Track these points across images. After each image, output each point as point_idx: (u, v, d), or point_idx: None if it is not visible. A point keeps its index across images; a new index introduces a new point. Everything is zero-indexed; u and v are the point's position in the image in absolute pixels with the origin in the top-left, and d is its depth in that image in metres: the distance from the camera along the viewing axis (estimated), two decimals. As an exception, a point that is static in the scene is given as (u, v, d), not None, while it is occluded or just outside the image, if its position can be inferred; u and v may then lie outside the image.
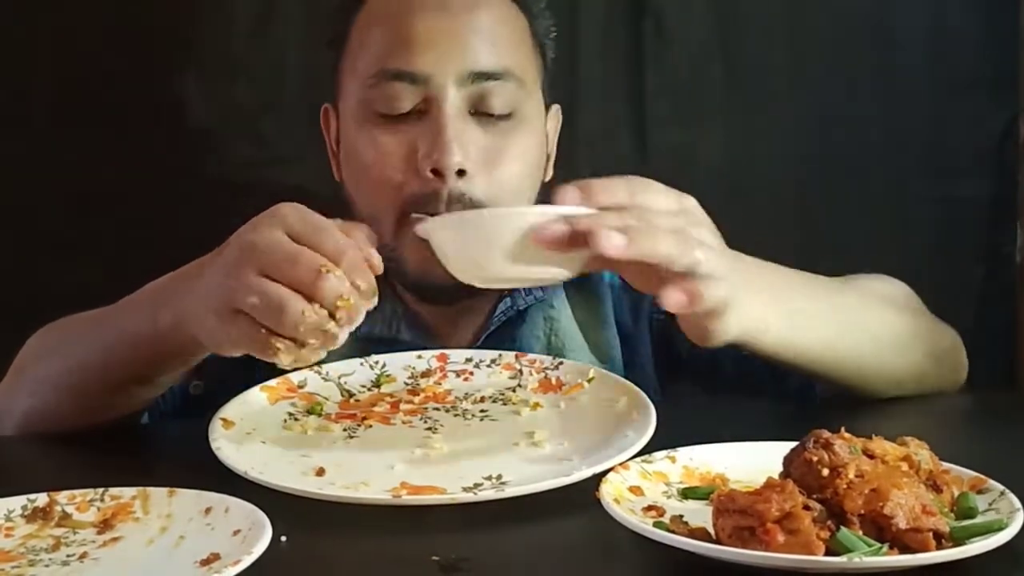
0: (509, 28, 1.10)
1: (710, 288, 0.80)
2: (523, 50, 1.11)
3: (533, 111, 1.11)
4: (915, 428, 0.78)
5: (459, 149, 1.03)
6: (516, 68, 1.08)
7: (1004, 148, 1.50)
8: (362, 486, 0.81)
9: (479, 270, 0.83)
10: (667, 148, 1.49)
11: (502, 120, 1.07)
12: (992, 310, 1.51)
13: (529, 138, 1.10)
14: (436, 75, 1.05)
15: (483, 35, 1.07)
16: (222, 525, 0.74)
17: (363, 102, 1.08)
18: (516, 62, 1.09)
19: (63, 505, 0.79)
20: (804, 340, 0.94)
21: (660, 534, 0.68)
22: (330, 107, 1.17)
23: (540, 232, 0.78)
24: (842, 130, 1.50)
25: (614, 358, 1.14)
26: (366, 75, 1.07)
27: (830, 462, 0.69)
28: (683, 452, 0.81)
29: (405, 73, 1.05)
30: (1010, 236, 1.51)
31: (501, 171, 1.06)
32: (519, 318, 1.14)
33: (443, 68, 1.05)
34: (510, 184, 1.07)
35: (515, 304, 1.14)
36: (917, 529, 0.66)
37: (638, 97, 1.49)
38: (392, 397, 0.99)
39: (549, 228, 0.78)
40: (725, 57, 1.49)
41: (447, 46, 1.05)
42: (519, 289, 1.13)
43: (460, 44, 1.06)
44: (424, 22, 1.06)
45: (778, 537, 0.65)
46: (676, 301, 0.80)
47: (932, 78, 1.50)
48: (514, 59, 1.09)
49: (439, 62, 1.05)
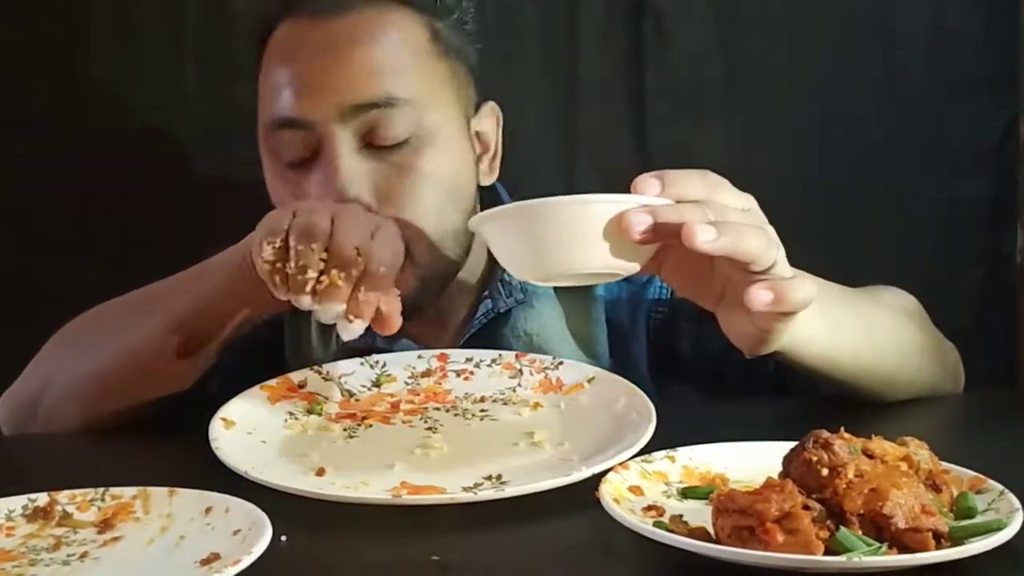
0: (398, 50, 1.06)
1: (795, 287, 0.79)
2: (420, 67, 1.07)
3: (439, 126, 1.06)
4: (914, 428, 0.78)
5: (356, 186, 1.01)
6: (407, 91, 1.04)
7: (1004, 148, 1.50)
8: (362, 486, 0.81)
9: (540, 266, 0.80)
10: (667, 148, 1.49)
11: (398, 148, 1.04)
12: (992, 310, 1.51)
13: (438, 156, 1.06)
14: (319, 117, 1.02)
15: (363, 66, 1.03)
16: (222, 525, 0.74)
17: (267, 151, 1.08)
18: (407, 84, 1.04)
19: (64, 505, 0.79)
20: (840, 352, 0.94)
21: (660, 534, 0.68)
22: None
23: (626, 222, 0.76)
24: (842, 130, 1.50)
25: (601, 355, 1.12)
26: (263, 125, 1.07)
27: (829, 462, 0.69)
28: (683, 452, 0.81)
29: (288, 120, 1.03)
30: (1010, 236, 1.51)
31: (408, 199, 1.03)
32: (501, 319, 1.13)
33: (324, 108, 1.02)
34: (424, 208, 1.04)
35: (496, 307, 1.12)
36: (916, 529, 0.66)
37: (638, 97, 1.49)
38: (392, 397, 0.99)
39: (635, 218, 0.76)
40: (725, 57, 1.49)
41: (325, 85, 1.02)
42: (500, 291, 1.12)
43: (338, 80, 1.02)
44: (305, 64, 1.04)
45: (777, 537, 0.65)
46: (763, 299, 0.77)
47: (932, 78, 1.50)
48: (404, 82, 1.04)
49: (320, 103, 1.02)
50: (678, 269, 0.85)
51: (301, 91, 1.03)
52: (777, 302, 0.78)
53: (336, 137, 1.02)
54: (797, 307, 0.79)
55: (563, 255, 0.78)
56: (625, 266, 0.80)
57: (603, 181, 1.36)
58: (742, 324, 0.83)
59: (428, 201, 1.05)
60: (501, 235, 0.82)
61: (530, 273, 0.83)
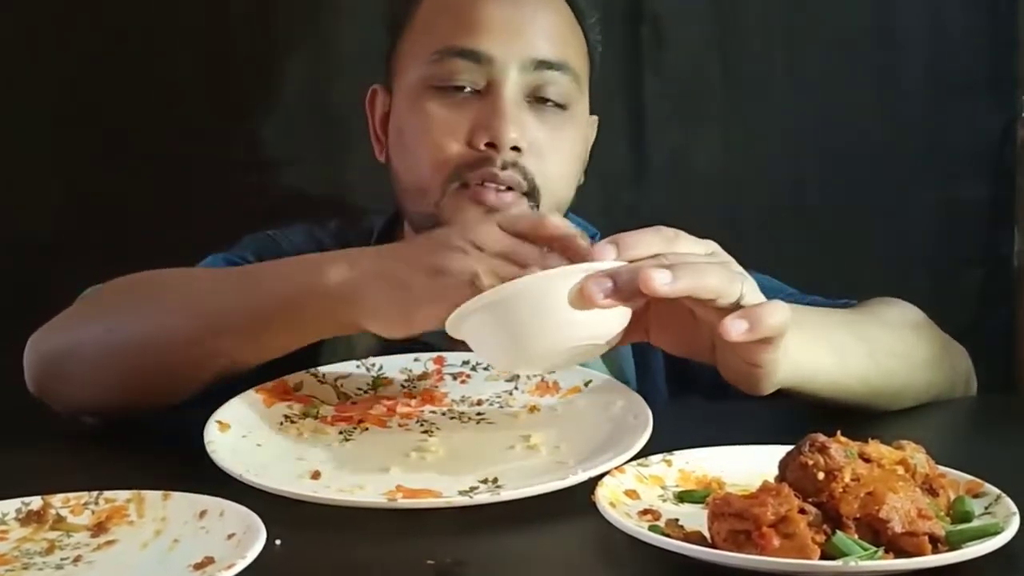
0: (569, 27, 1.13)
1: (767, 311, 0.78)
2: (579, 50, 1.14)
3: (582, 109, 1.14)
4: (911, 431, 0.77)
5: (515, 130, 1.06)
6: (573, 63, 1.11)
7: (1003, 151, 1.50)
8: (358, 489, 0.81)
9: (521, 350, 0.81)
10: (666, 151, 1.49)
11: (556, 110, 1.10)
12: (990, 313, 1.51)
13: (577, 132, 1.13)
14: (499, 57, 1.07)
15: (547, 27, 1.10)
16: (217, 528, 0.73)
17: (423, 78, 1.10)
18: (573, 58, 1.12)
19: (57, 508, 0.79)
20: (849, 379, 0.94)
21: (656, 538, 0.68)
22: (379, 88, 1.18)
23: (588, 290, 0.77)
24: (841, 133, 1.51)
25: (627, 371, 1.14)
26: (429, 52, 1.09)
27: (826, 466, 0.69)
28: (679, 456, 0.81)
29: (469, 51, 1.08)
30: (1009, 239, 1.51)
31: (551, 158, 1.09)
32: None
33: (507, 52, 1.07)
34: (558, 170, 1.10)
35: None
36: (913, 533, 0.66)
37: (637, 100, 1.49)
38: (388, 400, 0.99)
39: (595, 285, 0.78)
40: (723, 60, 1.49)
41: (512, 32, 1.08)
42: None
43: (525, 32, 1.09)
44: (492, 7, 1.09)
45: (774, 541, 0.65)
46: (738, 328, 0.77)
47: (931, 81, 1.50)
48: (572, 55, 1.12)
49: (504, 45, 1.07)
50: (663, 329, 0.86)
51: (488, 29, 1.08)
52: (752, 329, 0.78)
53: (510, 81, 1.07)
54: (773, 331, 0.79)
55: (541, 336, 0.80)
56: (605, 336, 0.81)
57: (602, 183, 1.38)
58: (737, 365, 0.83)
59: (563, 166, 1.11)
60: (480, 330, 0.83)
61: (518, 361, 0.85)
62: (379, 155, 1.18)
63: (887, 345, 0.99)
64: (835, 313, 1.00)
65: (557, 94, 1.09)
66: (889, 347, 0.99)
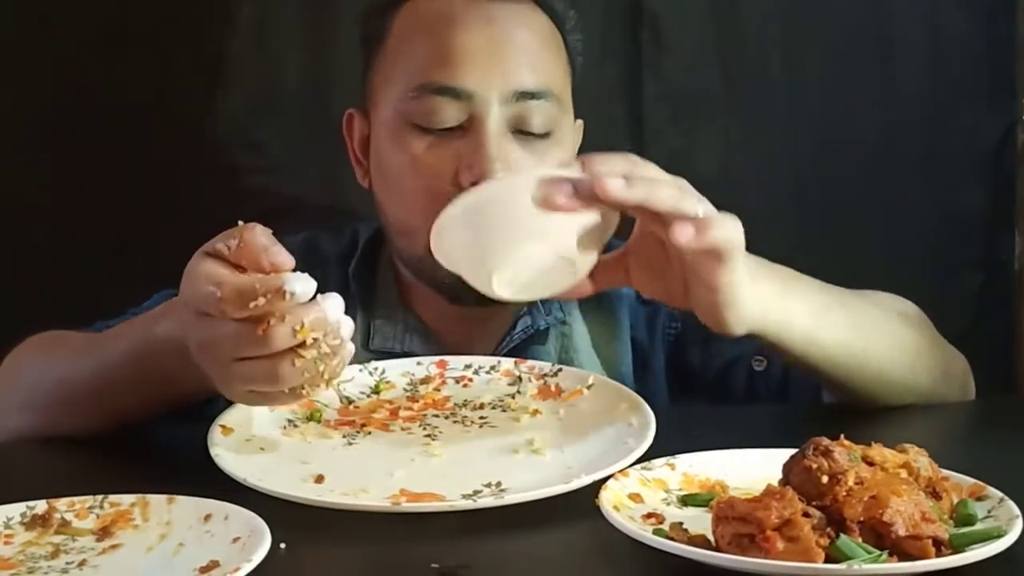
0: (547, 45, 1.10)
1: (717, 221, 0.80)
2: (559, 67, 1.11)
3: (566, 128, 1.11)
4: (914, 435, 0.78)
5: (500, 162, 1.03)
6: (554, 86, 1.08)
7: (1002, 156, 1.50)
8: (361, 493, 0.81)
9: (491, 254, 0.82)
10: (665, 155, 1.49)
11: (540, 139, 1.07)
12: (990, 317, 1.51)
13: (563, 153, 1.09)
14: (480, 92, 1.04)
15: (526, 53, 1.07)
16: (221, 532, 0.74)
17: (402, 113, 1.07)
18: (554, 80, 1.09)
19: (62, 512, 0.79)
20: (827, 338, 0.93)
21: (660, 541, 0.68)
22: (356, 112, 1.16)
23: (547, 190, 0.79)
24: (840, 138, 1.51)
25: (624, 374, 1.14)
26: (407, 87, 1.07)
27: (829, 469, 0.69)
28: (683, 459, 0.81)
29: (449, 88, 1.05)
30: (1008, 243, 1.52)
31: None
32: (538, 336, 1.14)
33: (487, 85, 1.04)
34: None
35: (535, 323, 1.14)
36: (916, 536, 0.66)
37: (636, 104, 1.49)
38: (391, 404, 0.99)
39: (554, 186, 0.79)
40: (723, 65, 1.49)
41: (492, 62, 1.05)
42: (540, 309, 1.14)
43: (504, 62, 1.06)
44: (469, 36, 1.06)
45: (778, 544, 0.65)
46: (685, 233, 0.79)
47: (930, 86, 1.50)
48: (553, 77, 1.09)
49: (484, 80, 1.04)
50: (640, 269, 0.88)
51: (466, 62, 1.05)
52: (700, 235, 0.79)
53: (493, 115, 1.05)
54: (721, 241, 0.80)
55: (510, 241, 0.82)
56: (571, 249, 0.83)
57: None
58: (701, 296, 0.84)
59: None
60: (455, 240, 0.84)
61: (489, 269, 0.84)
62: (361, 179, 1.16)
63: (872, 320, 0.99)
64: (824, 284, 0.99)
65: (540, 124, 1.06)
66: (873, 321, 0.99)
